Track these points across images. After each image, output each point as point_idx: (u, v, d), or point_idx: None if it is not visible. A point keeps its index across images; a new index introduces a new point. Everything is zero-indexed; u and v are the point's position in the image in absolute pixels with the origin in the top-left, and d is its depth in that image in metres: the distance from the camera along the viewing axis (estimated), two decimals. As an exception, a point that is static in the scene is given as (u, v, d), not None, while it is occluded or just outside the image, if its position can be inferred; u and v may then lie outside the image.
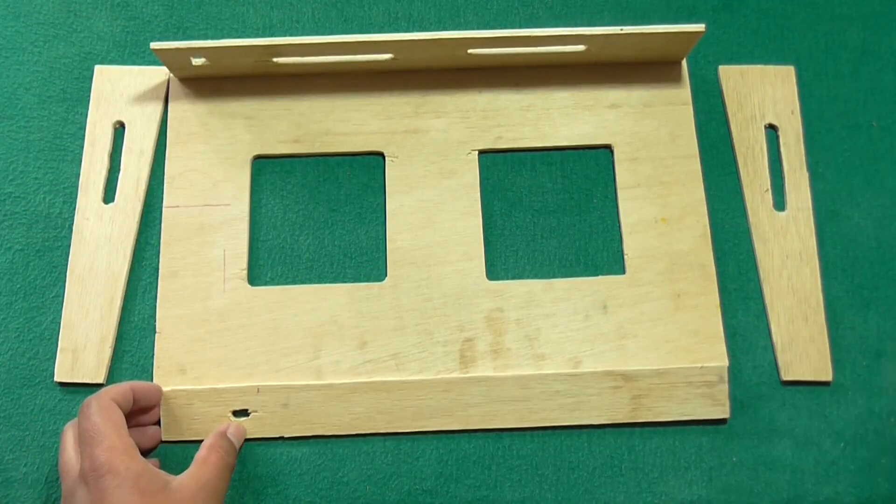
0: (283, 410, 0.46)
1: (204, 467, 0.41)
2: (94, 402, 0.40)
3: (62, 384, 0.47)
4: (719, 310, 0.48)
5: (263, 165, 0.51)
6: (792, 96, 0.53)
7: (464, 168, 0.50)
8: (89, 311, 0.47)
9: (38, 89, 0.52)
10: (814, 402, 0.48)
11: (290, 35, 0.52)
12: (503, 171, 0.51)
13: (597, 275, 0.49)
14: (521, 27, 0.54)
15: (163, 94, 0.52)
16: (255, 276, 0.49)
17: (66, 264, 0.48)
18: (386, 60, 0.50)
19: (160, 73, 0.52)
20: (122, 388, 0.42)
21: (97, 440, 0.38)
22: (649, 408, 0.46)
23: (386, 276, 0.48)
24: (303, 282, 0.49)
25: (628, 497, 0.46)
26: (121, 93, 0.52)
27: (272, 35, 0.53)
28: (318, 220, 0.50)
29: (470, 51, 0.49)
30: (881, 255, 0.50)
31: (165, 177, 0.50)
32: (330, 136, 0.51)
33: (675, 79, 0.52)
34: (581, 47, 0.50)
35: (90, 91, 0.52)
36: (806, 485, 0.46)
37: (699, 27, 0.49)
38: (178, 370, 0.46)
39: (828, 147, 0.52)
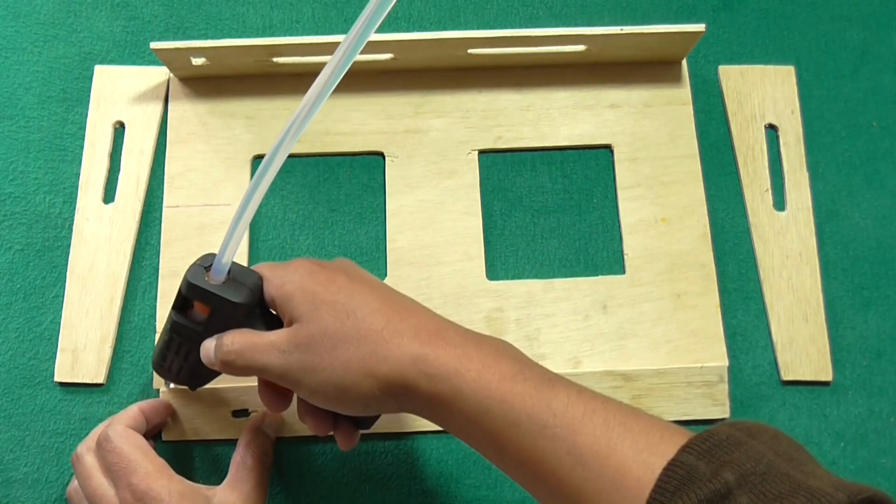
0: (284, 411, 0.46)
1: (242, 472, 0.40)
2: (109, 432, 0.39)
3: (62, 384, 0.47)
4: (719, 310, 0.48)
5: (263, 165, 0.51)
6: (792, 96, 0.53)
7: (464, 168, 0.50)
8: (89, 311, 0.47)
9: (38, 89, 0.52)
10: (814, 402, 0.48)
11: (290, 35, 0.52)
12: (503, 171, 0.51)
13: (597, 275, 0.49)
14: (521, 27, 0.54)
15: (163, 94, 0.52)
16: (255, 276, 0.49)
17: (66, 264, 0.48)
18: (386, 60, 0.50)
19: (160, 73, 0.52)
20: (132, 412, 0.42)
21: (130, 469, 0.38)
22: (649, 408, 0.46)
23: (386, 276, 0.48)
24: (303, 282, 0.49)
25: (628, 497, 0.46)
26: (121, 93, 0.52)
27: (272, 35, 0.53)
28: (318, 220, 0.50)
29: (470, 51, 0.49)
30: (881, 255, 0.50)
31: (165, 177, 0.50)
32: (330, 136, 0.51)
33: (675, 79, 0.52)
34: (581, 47, 0.50)
35: (90, 91, 0.52)
36: (806, 485, 0.46)
37: (699, 27, 0.49)
38: (178, 370, 0.46)
39: (828, 147, 0.52)
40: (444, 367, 0.33)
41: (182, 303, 0.39)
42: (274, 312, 0.38)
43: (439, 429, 0.46)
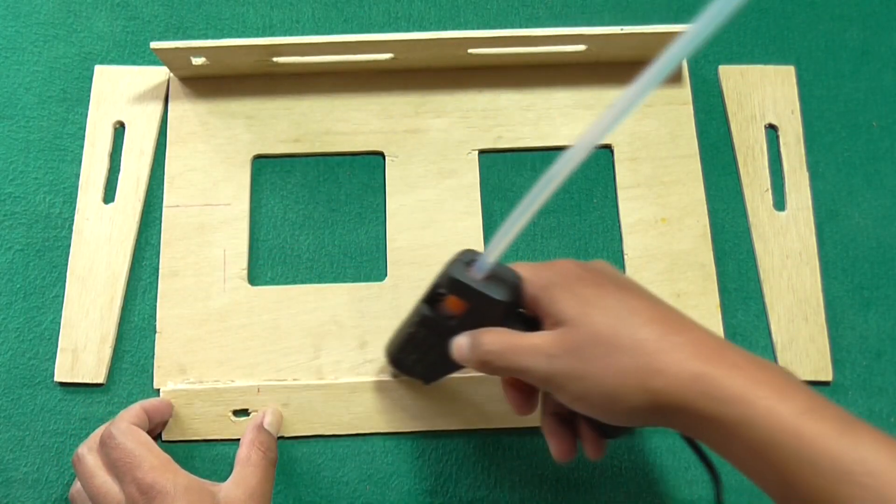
0: (284, 410, 0.46)
1: (247, 469, 0.40)
2: (113, 430, 0.39)
3: (62, 384, 0.47)
4: (719, 310, 0.48)
5: (263, 165, 0.51)
6: (792, 96, 0.53)
7: (464, 168, 0.50)
8: (89, 311, 0.47)
9: (38, 89, 0.52)
10: (814, 402, 0.48)
11: (290, 35, 0.52)
12: (503, 171, 0.51)
13: (597, 275, 0.49)
14: (521, 27, 0.54)
15: (163, 94, 0.52)
16: (255, 275, 0.49)
17: (66, 264, 0.48)
18: (386, 60, 0.50)
19: (160, 73, 0.52)
20: (135, 410, 0.42)
21: (135, 464, 0.38)
22: (649, 408, 0.46)
23: (386, 276, 0.48)
24: (303, 282, 0.49)
25: (628, 497, 0.46)
26: (121, 93, 0.52)
27: (272, 35, 0.53)
28: (318, 220, 0.50)
29: (470, 51, 0.50)
30: (881, 255, 0.50)
31: (165, 176, 0.50)
32: (330, 136, 0.51)
33: (675, 79, 0.52)
34: (581, 47, 0.50)
35: (90, 91, 0.52)
36: (806, 485, 0.46)
37: (699, 27, 0.49)
38: (178, 370, 0.46)
39: (828, 147, 0.52)
40: (732, 391, 0.31)
41: (433, 297, 0.38)
42: (528, 313, 0.37)
43: (439, 429, 0.46)
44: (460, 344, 0.37)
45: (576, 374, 0.33)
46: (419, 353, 0.42)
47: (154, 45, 0.48)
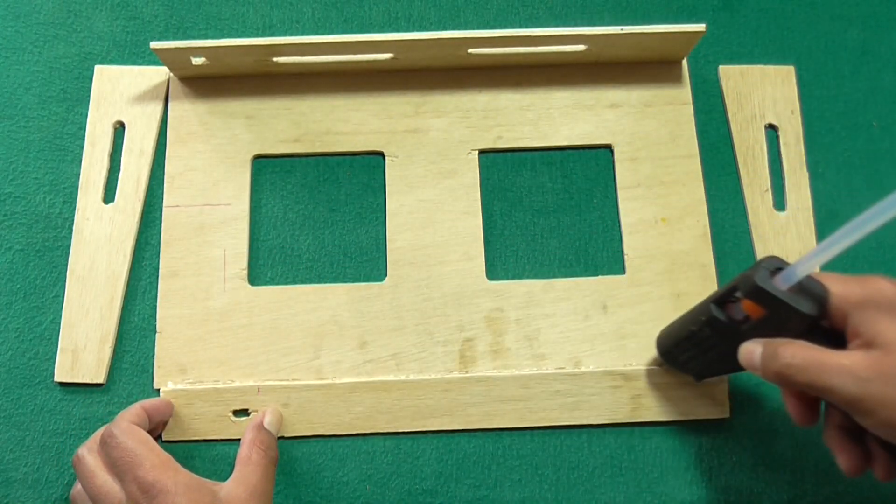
0: (284, 410, 0.46)
1: (248, 468, 0.40)
2: (113, 429, 0.39)
3: (62, 384, 0.47)
4: (719, 310, 0.48)
5: (263, 165, 0.51)
6: (792, 96, 0.53)
7: (464, 168, 0.50)
8: (89, 311, 0.47)
9: (38, 89, 0.52)
10: (814, 402, 0.48)
11: (290, 35, 0.52)
12: (503, 171, 0.51)
13: (597, 275, 0.49)
14: (521, 27, 0.54)
15: (163, 94, 0.52)
16: (255, 276, 0.49)
17: (66, 264, 0.48)
18: (386, 60, 0.50)
19: (160, 73, 0.52)
20: (135, 409, 0.42)
21: (136, 462, 0.38)
22: (649, 407, 0.46)
23: (386, 276, 0.48)
24: (303, 282, 0.49)
25: (628, 497, 0.46)
26: (121, 93, 0.52)
27: (272, 35, 0.53)
28: (318, 220, 0.50)
29: (470, 51, 0.50)
30: (881, 255, 0.50)
31: (165, 176, 0.50)
32: (330, 136, 0.51)
33: (675, 79, 0.52)
34: (581, 47, 0.50)
35: (90, 91, 0.52)
36: (806, 485, 0.46)
37: (699, 27, 0.49)
38: (178, 370, 0.46)
39: (828, 147, 0.52)
40: None
41: (725, 298, 0.38)
42: (829, 328, 0.36)
43: (439, 429, 0.46)
44: (751, 351, 0.37)
45: (889, 401, 0.32)
46: (696, 350, 0.41)
47: (154, 45, 0.48)
